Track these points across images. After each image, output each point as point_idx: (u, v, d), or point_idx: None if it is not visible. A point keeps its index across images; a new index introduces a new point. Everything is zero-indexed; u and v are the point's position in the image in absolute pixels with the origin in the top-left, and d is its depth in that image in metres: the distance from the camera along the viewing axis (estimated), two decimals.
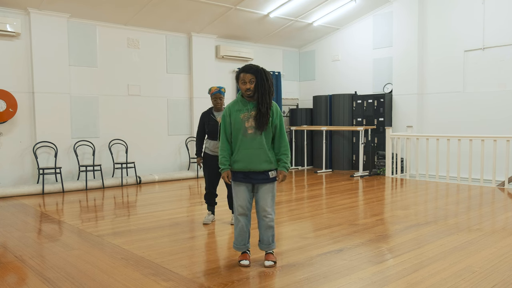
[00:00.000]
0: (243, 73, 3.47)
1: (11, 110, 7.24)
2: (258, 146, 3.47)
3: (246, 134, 3.47)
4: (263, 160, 3.48)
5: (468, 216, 5.27)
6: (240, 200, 3.53)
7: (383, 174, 9.27)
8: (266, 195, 3.52)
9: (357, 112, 10.15)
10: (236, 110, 3.53)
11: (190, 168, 9.55)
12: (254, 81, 3.45)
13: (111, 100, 8.52)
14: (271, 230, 3.57)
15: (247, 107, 3.50)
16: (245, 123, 3.47)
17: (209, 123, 4.91)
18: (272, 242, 3.60)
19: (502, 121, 8.14)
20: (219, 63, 10.10)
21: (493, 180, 7.58)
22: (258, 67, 3.49)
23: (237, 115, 3.51)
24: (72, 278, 3.30)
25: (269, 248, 3.60)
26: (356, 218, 5.22)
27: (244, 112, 3.49)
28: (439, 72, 9.08)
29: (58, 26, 7.70)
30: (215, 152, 4.84)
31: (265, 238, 3.58)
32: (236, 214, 3.57)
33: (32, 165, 7.62)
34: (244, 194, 3.53)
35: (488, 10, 8.31)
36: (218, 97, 4.88)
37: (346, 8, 9.66)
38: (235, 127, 3.51)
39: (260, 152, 3.47)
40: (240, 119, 3.49)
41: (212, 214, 5.15)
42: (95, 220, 5.32)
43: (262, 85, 3.44)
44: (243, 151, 3.48)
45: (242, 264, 3.54)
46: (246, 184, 3.54)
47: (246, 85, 3.46)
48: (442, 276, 3.23)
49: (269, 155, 3.51)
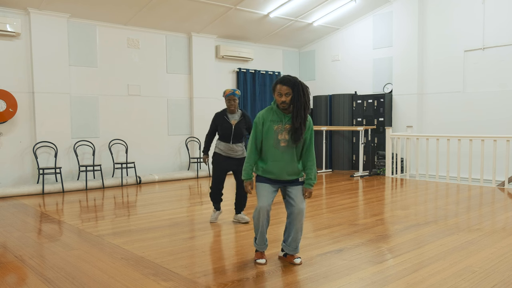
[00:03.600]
0: (280, 85, 3.37)
1: (11, 110, 7.24)
2: (290, 159, 3.44)
3: (278, 147, 3.42)
4: (293, 173, 3.48)
5: (468, 216, 5.27)
6: (263, 200, 3.47)
7: (383, 174, 9.27)
8: (299, 195, 3.47)
9: (357, 112, 10.15)
10: (270, 120, 3.45)
11: (190, 168, 9.55)
12: (291, 94, 3.35)
13: (111, 100, 8.52)
14: (301, 232, 3.54)
15: (282, 119, 3.43)
16: (278, 135, 3.42)
17: (223, 125, 4.91)
18: (298, 247, 3.58)
19: (502, 121, 8.14)
20: (219, 63, 10.10)
21: (493, 180, 7.58)
22: (296, 80, 3.39)
23: (270, 125, 3.44)
24: (72, 278, 3.30)
25: (295, 251, 3.59)
26: (356, 218, 5.22)
27: (278, 123, 3.43)
28: (439, 72, 9.09)
29: (58, 26, 7.70)
30: (228, 153, 4.88)
31: (294, 241, 3.53)
32: (259, 214, 3.48)
33: (32, 165, 7.62)
34: (268, 194, 3.48)
35: (488, 10, 8.31)
36: (232, 99, 4.87)
37: (346, 8, 9.66)
38: (266, 137, 3.46)
39: (292, 166, 3.45)
40: (274, 130, 3.43)
41: (218, 210, 5.17)
42: (95, 220, 5.32)
43: (298, 99, 3.34)
44: (274, 163, 3.44)
45: (258, 262, 3.56)
46: (272, 184, 3.50)
47: (282, 97, 3.37)
48: (442, 276, 3.23)
49: (299, 167, 3.50)
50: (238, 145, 4.92)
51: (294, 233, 3.51)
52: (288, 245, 3.57)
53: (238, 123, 4.91)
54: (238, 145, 4.92)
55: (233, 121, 4.90)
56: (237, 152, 4.91)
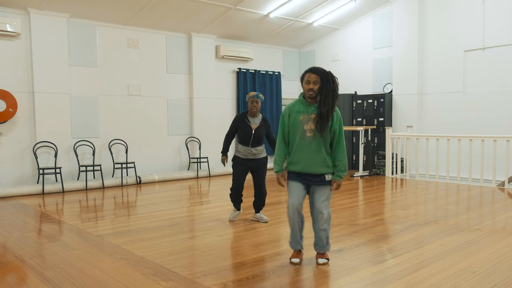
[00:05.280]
0: (309, 73, 3.37)
1: (11, 110, 7.24)
2: (317, 149, 3.39)
3: (304, 137, 3.39)
4: (320, 164, 3.42)
5: (468, 216, 5.27)
6: (293, 198, 3.47)
7: (383, 174, 9.27)
8: (322, 197, 3.47)
9: (357, 112, 10.15)
10: (296, 111, 3.43)
11: (190, 168, 9.55)
12: (319, 83, 3.34)
13: (111, 100, 8.52)
14: (326, 232, 3.53)
15: (308, 109, 3.41)
16: (304, 126, 3.39)
17: (243, 129, 4.89)
18: (326, 244, 3.58)
19: (502, 121, 8.14)
20: (219, 63, 10.09)
21: (493, 180, 7.58)
22: (325, 70, 3.38)
23: (296, 116, 3.42)
24: (72, 278, 3.30)
25: (324, 250, 3.60)
26: (356, 218, 5.22)
27: (304, 114, 3.40)
28: (439, 72, 9.08)
29: (58, 26, 7.70)
30: (247, 156, 4.89)
31: (320, 240, 3.56)
32: (289, 212, 3.49)
33: (32, 165, 7.62)
34: (298, 191, 3.47)
35: (488, 10, 8.30)
36: (255, 101, 4.83)
37: (346, 8, 9.66)
38: (293, 128, 3.44)
39: (318, 156, 3.41)
40: (300, 121, 3.40)
41: (238, 210, 5.18)
42: (95, 220, 5.32)
43: (326, 86, 3.31)
44: (301, 154, 3.42)
45: (293, 261, 3.56)
46: (302, 182, 3.48)
47: (310, 85, 3.35)
48: (442, 276, 3.23)
49: (327, 159, 3.44)
50: (257, 149, 4.92)
51: (317, 233, 3.55)
52: (316, 244, 3.61)
53: (258, 128, 4.90)
54: (257, 148, 4.92)
55: (253, 125, 4.88)
56: (255, 154, 4.92)
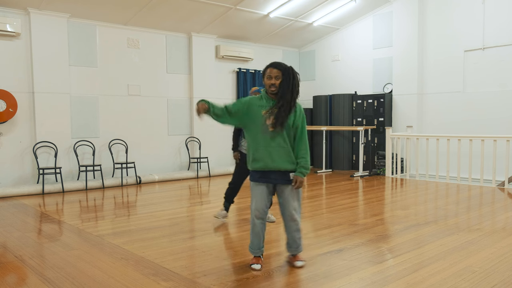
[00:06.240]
0: (270, 68, 3.35)
1: (11, 110, 7.24)
2: (280, 144, 3.34)
3: (267, 132, 3.34)
4: (285, 160, 3.35)
5: (468, 216, 5.27)
6: (258, 203, 3.41)
7: (383, 174, 9.27)
8: (294, 202, 3.42)
9: (357, 112, 10.15)
10: (258, 106, 3.39)
11: (190, 168, 9.55)
12: (280, 78, 3.33)
13: (111, 100, 8.52)
14: (298, 233, 3.50)
15: (270, 104, 3.37)
16: (266, 120, 3.34)
17: None
18: (300, 245, 3.55)
19: (502, 121, 8.14)
20: (219, 63, 10.09)
21: (493, 180, 7.58)
22: (287, 65, 3.37)
23: (258, 111, 3.37)
24: (72, 278, 3.30)
25: (297, 251, 3.56)
26: (356, 218, 5.22)
27: (266, 108, 3.36)
28: (439, 72, 9.08)
29: (58, 26, 7.70)
30: None
31: (294, 242, 3.52)
32: (253, 217, 3.44)
33: (32, 165, 7.62)
34: (263, 197, 3.41)
35: (488, 10, 8.30)
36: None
37: (346, 8, 9.65)
38: (254, 123, 3.38)
39: (282, 151, 3.34)
40: (261, 115, 3.36)
41: (226, 212, 5.15)
42: (95, 220, 5.32)
43: (286, 82, 3.30)
44: (264, 149, 3.35)
45: (253, 268, 3.45)
46: (266, 184, 3.41)
47: (272, 80, 3.33)
48: (442, 276, 3.23)
49: (292, 155, 3.38)
50: None
51: (290, 233, 3.51)
52: (290, 245, 3.57)
53: None
54: None
55: None
56: None
